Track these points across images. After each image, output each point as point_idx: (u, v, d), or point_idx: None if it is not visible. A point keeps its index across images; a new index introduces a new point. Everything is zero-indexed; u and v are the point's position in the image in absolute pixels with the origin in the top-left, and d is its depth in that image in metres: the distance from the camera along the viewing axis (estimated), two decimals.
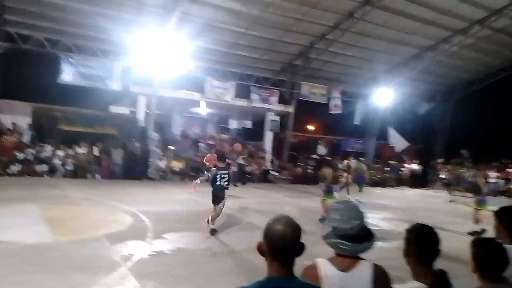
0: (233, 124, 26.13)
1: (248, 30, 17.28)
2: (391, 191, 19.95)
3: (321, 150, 25.43)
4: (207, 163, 13.41)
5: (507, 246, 2.36)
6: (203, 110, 20.84)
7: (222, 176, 7.84)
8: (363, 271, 1.93)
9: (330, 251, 2.02)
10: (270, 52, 19.41)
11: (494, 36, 18.78)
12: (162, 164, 17.58)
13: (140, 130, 18.18)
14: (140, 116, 18.71)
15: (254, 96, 20.92)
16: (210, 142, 21.82)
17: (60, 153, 16.01)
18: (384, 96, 22.25)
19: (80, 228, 7.63)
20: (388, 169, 22.88)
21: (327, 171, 10.74)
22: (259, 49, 19.03)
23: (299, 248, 1.68)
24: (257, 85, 21.32)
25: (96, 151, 16.81)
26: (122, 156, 16.82)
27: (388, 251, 7.20)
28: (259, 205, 11.77)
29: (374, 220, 10.88)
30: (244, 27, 17.04)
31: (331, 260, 1.99)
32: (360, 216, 1.99)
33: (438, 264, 2.07)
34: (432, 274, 1.99)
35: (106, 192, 12.42)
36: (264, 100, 21.11)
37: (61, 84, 16.90)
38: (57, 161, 15.86)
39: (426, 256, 2.03)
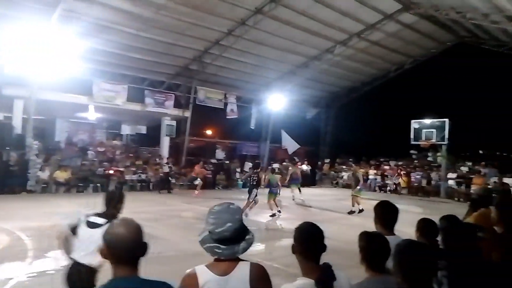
0: (126, 130, 24.88)
1: (140, 32, 16.61)
2: (284, 191, 20.87)
3: (220, 154, 25.63)
4: (195, 175, 17.35)
5: (387, 237, 2.62)
6: (91, 114, 19.35)
7: (253, 178, 11.57)
8: (241, 273, 1.94)
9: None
10: (164, 55, 18.93)
11: (370, 48, 21.02)
12: (44, 175, 15.90)
13: (16, 138, 16.11)
14: (17, 122, 16.61)
15: (148, 100, 20.15)
16: (100, 149, 20.47)
17: None
18: (276, 102, 23.32)
19: None
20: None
21: (267, 175, 13.34)
22: (153, 51, 18.42)
23: (141, 248, 1.71)
24: (151, 88, 20.61)
25: None
26: None
27: (285, 249, 7.50)
28: (155, 214, 11.38)
29: (271, 220, 11.32)
30: (136, 28, 16.34)
31: (209, 266, 1.97)
32: (234, 218, 1.99)
33: (333, 257, 2.19)
34: (317, 269, 2.07)
35: None
36: (159, 104, 20.48)
37: None
38: None
39: (311, 252, 2.11)
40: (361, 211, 12.22)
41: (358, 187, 12.83)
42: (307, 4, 16.29)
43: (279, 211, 11.87)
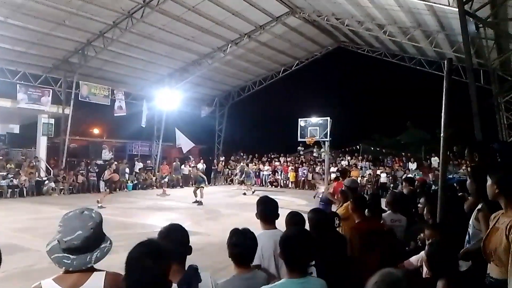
0: None
1: (9, 19, 14.72)
2: (177, 191, 20.54)
3: (106, 154, 24.03)
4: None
5: (268, 231, 2.64)
6: None
7: None
8: (94, 285, 1.77)
9: None
10: (39, 46, 17.01)
11: (259, 48, 21.67)
12: None
13: None
14: None
15: (21, 95, 17.90)
16: None
17: None
18: (169, 99, 22.62)
19: None
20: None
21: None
22: (25, 41, 16.43)
23: None
24: (24, 82, 18.36)
25: None
26: None
27: None
28: (25, 223, 10.20)
29: (158, 221, 10.92)
30: (4, 15, 14.45)
31: (57, 279, 1.77)
32: (85, 225, 1.80)
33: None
34: (182, 271, 2.00)
35: None
36: (34, 100, 18.31)
37: None
38: None
39: (175, 254, 2.02)
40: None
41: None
42: (197, 0, 16.11)
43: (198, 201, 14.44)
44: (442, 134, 3.39)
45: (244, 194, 18.65)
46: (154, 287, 1.55)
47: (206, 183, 16.19)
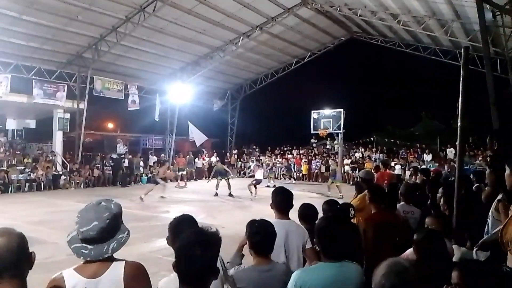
0: (11, 124, 22.33)
1: (24, 15, 14.92)
2: (191, 184, 20.67)
3: (121, 148, 24.29)
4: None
5: (282, 221, 2.64)
6: None
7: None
8: (114, 274, 1.80)
9: None
10: (53, 41, 17.24)
11: (271, 41, 21.53)
12: None
13: None
14: None
15: (37, 91, 18.20)
16: None
17: None
18: (181, 93, 22.73)
19: None
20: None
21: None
22: (39, 37, 16.66)
23: (26, 260, 1.56)
24: (39, 78, 18.64)
25: None
26: None
27: None
28: (44, 216, 10.40)
29: (172, 213, 11.03)
30: (18, 11, 14.65)
31: (78, 268, 1.82)
32: (101, 216, 1.83)
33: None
34: None
35: None
36: (50, 95, 18.61)
37: None
38: None
39: None
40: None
41: (333, 177, 16.31)
42: None
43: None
44: (459, 124, 3.32)
45: (268, 186, 18.40)
46: (203, 275, 1.59)
47: (231, 175, 16.99)
